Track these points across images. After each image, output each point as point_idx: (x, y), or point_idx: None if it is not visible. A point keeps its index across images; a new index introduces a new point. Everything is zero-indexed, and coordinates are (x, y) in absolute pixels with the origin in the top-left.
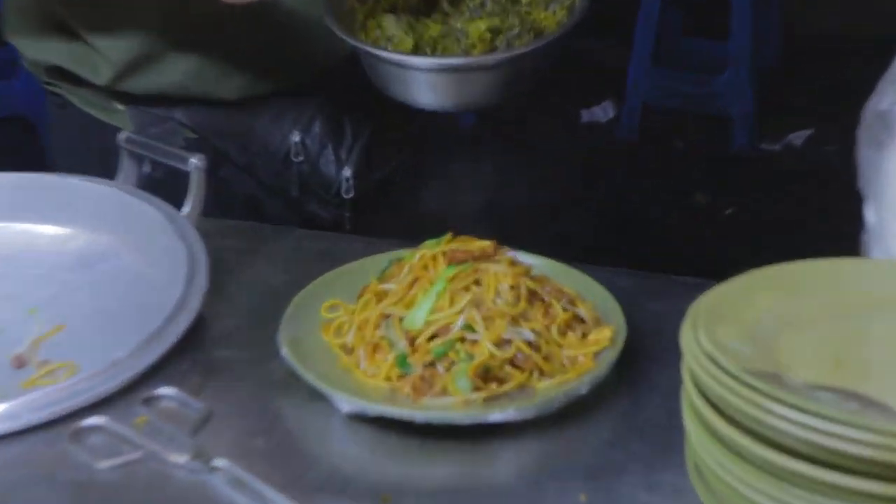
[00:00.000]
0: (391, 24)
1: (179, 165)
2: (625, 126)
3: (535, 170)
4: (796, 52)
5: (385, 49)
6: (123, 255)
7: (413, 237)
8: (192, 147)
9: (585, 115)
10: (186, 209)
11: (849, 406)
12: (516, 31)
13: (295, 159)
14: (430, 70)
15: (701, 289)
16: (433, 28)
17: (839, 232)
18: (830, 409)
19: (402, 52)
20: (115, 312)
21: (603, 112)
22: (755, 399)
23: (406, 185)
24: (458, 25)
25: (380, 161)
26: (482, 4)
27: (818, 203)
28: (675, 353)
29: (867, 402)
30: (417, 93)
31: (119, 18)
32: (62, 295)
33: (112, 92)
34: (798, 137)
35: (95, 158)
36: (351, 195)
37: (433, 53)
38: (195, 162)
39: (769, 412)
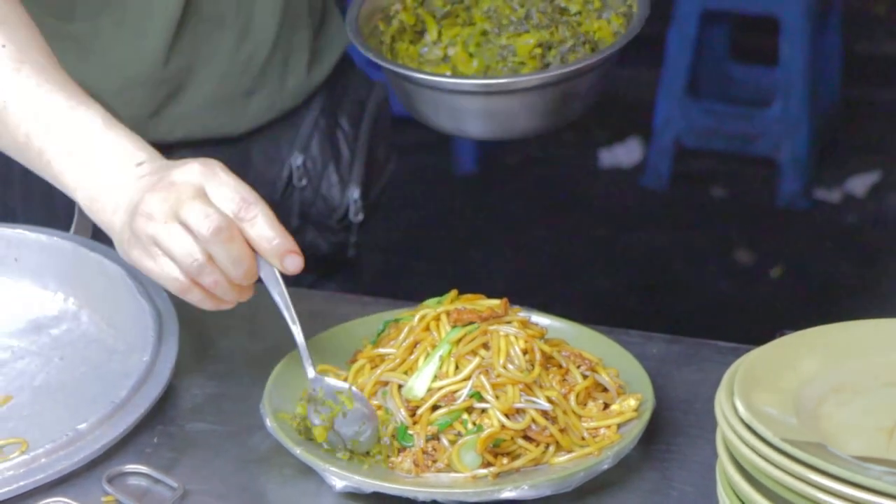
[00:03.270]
0: (425, 46)
1: None
2: (653, 171)
3: (545, 223)
4: (858, 80)
5: (428, 72)
6: (81, 318)
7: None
8: None
9: (606, 158)
10: None
11: None
12: (569, 44)
13: (298, 184)
14: (480, 93)
15: (738, 354)
16: (474, 47)
17: None
18: (882, 483)
19: (446, 76)
20: (70, 382)
21: (627, 153)
22: (798, 471)
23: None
24: (503, 41)
25: (376, 177)
26: (527, 16)
27: (884, 264)
28: (708, 427)
29: None
30: (465, 120)
31: (116, 73)
32: (9, 363)
33: None
34: (860, 184)
35: (39, 204)
36: (360, 218)
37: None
38: None
39: (814, 485)
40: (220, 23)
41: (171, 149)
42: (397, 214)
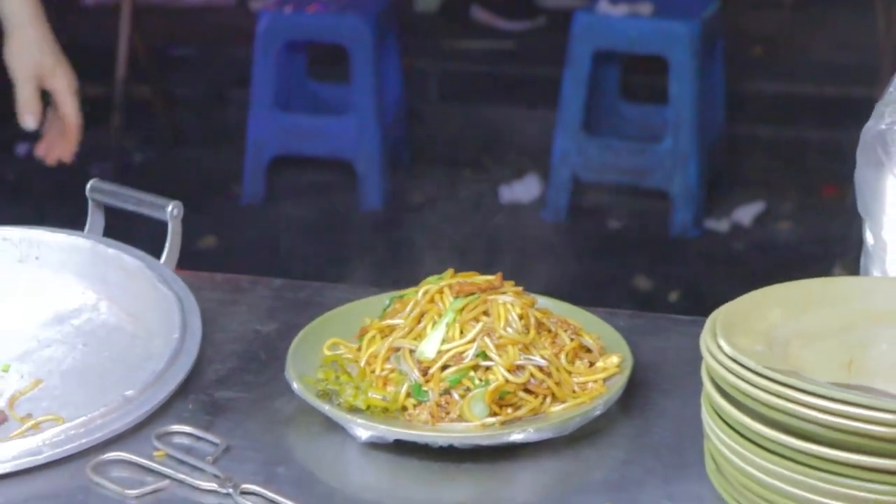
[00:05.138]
0: None
1: (154, 214)
2: (552, 204)
3: (449, 256)
4: (741, 116)
5: None
6: (100, 309)
7: None
8: None
9: (505, 194)
10: (164, 258)
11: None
12: None
13: None
14: None
15: (696, 325)
16: None
17: None
18: (853, 395)
19: None
20: (95, 365)
21: (526, 189)
22: (779, 390)
23: None
24: None
25: None
26: None
27: (768, 286)
28: (677, 384)
29: (882, 394)
30: None
31: None
32: (36, 351)
33: None
34: (746, 214)
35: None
36: None
37: None
38: (172, 210)
39: (793, 401)
40: None
41: None
42: (307, 249)
